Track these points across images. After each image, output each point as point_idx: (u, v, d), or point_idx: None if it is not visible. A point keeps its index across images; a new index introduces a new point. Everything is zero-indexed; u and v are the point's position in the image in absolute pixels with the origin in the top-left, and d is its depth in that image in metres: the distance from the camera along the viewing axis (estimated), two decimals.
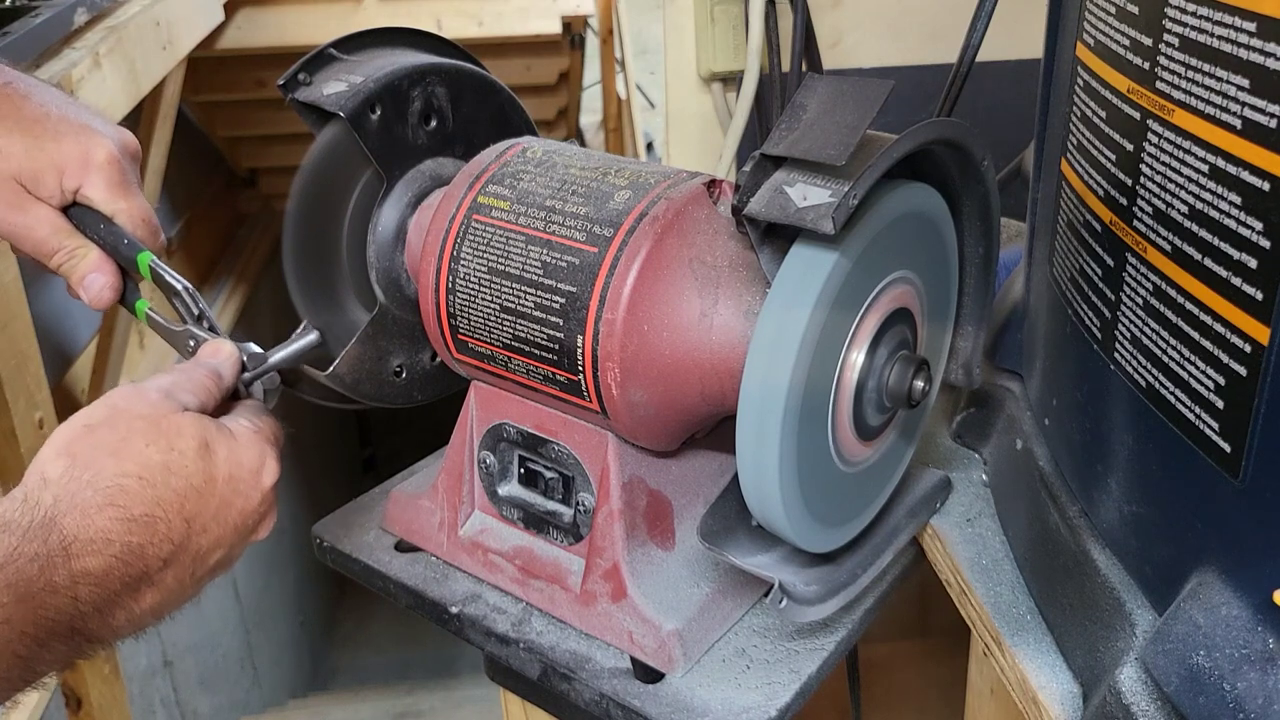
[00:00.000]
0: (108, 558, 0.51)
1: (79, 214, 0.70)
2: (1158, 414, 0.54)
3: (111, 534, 0.51)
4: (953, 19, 1.02)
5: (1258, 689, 0.47)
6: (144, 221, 0.71)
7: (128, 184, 0.70)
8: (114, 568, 0.51)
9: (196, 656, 2.86)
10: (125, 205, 0.69)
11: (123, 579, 0.52)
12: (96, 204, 0.69)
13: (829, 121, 0.56)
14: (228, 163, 3.55)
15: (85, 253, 0.69)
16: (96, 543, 0.51)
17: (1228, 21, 0.46)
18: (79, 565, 0.50)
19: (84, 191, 0.69)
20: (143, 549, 0.52)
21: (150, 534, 0.53)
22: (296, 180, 0.71)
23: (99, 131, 0.70)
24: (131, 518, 0.52)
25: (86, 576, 0.50)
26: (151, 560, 0.53)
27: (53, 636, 0.50)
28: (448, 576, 0.77)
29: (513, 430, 0.73)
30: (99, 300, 0.70)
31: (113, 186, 0.69)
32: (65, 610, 0.50)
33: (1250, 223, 0.46)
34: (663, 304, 0.63)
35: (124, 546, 0.51)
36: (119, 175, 0.69)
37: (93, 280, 0.69)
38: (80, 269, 0.69)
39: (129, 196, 0.70)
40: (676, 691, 0.67)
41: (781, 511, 0.59)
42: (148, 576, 0.53)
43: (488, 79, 0.79)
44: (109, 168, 0.69)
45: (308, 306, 0.73)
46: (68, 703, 1.71)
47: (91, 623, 0.51)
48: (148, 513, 0.53)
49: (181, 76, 2.46)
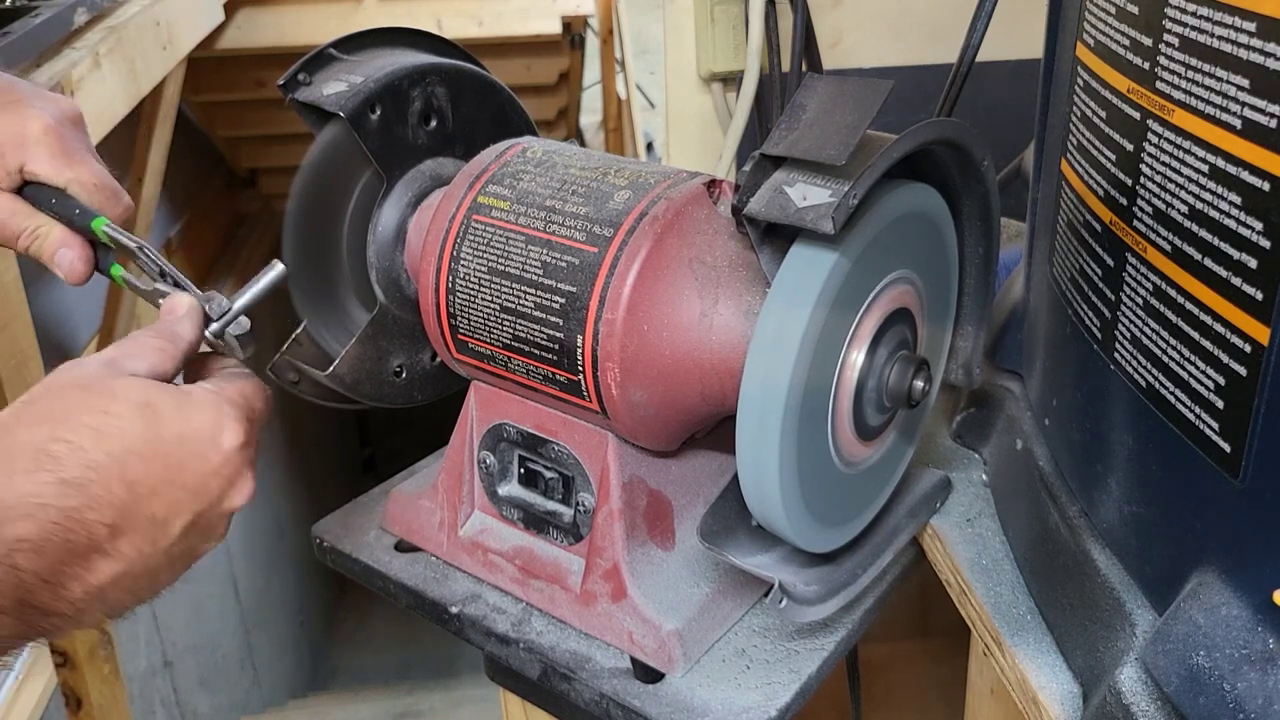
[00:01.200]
0: (43, 522, 0.49)
1: (33, 192, 0.68)
2: (1158, 414, 0.54)
3: (44, 497, 0.49)
4: (953, 19, 1.02)
5: (1258, 689, 0.47)
6: (97, 186, 0.68)
7: (71, 152, 0.68)
8: (52, 533, 0.49)
9: (196, 656, 2.86)
10: (74, 174, 0.67)
11: (65, 545, 0.50)
12: (45, 178, 0.67)
13: (829, 121, 0.56)
14: (228, 163, 3.55)
15: (48, 230, 0.67)
16: (27, 505, 0.49)
17: (1228, 21, 0.46)
18: (12, 531, 0.48)
19: (29, 168, 0.67)
20: (80, 512, 0.50)
21: (86, 496, 0.50)
22: (296, 180, 0.71)
23: (30, 104, 0.68)
24: (63, 480, 0.50)
25: (21, 543, 0.48)
26: (94, 525, 0.51)
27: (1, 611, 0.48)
28: (448, 576, 0.77)
29: (513, 430, 0.73)
30: (73, 274, 0.68)
31: (55, 157, 0.67)
32: (5, 580, 0.48)
33: (1250, 223, 0.46)
34: (663, 304, 0.63)
35: (58, 511, 0.49)
36: (59, 145, 0.67)
37: (62, 255, 0.67)
38: (48, 247, 0.68)
39: (76, 164, 0.68)
40: (676, 691, 0.67)
41: (781, 511, 0.59)
42: (96, 544, 0.51)
43: (488, 79, 0.79)
44: (47, 138, 0.67)
45: (308, 306, 0.73)
46: (68, 703, 1.71)
47: (40, 594, 0.49)
48: (80, 475, 0.50)
49: (181, 76, 2.46)
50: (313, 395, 0.76)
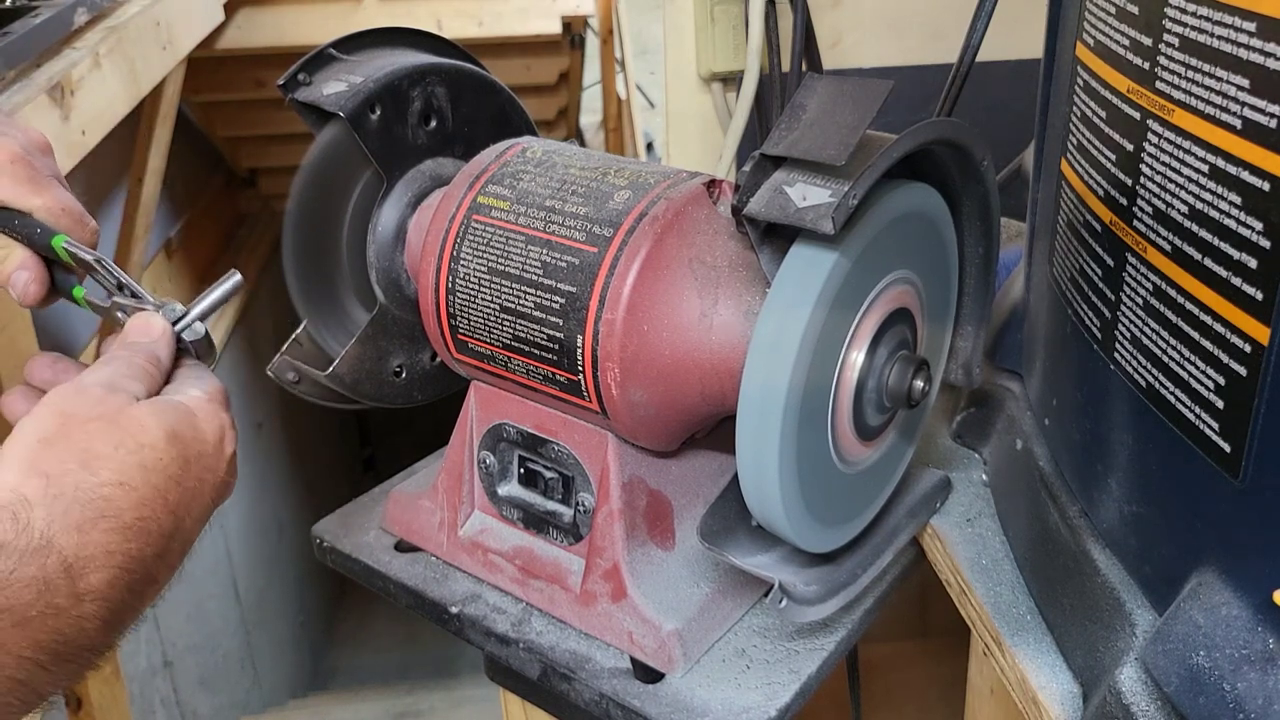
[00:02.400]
0: (112, 570, 0.51)
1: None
2: (1158, 414, 0.54)
3: (111, 545, 0.51)
4: (953, 19, 1.02)
5: (1258, 689, 0.47)
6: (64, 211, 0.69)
7: (37, 179, 0.69)
8: (118, 579, 0.51)
9: (196, 656, 2.86)
10: (40, 201, 0.68)
11: (128, 586, 0.52)
12: (9, 203, 0.68)
13: (829, 121, 0.56)
14: (228, 163, 3.55)
15: (7, 253, 0.68)
16: (98, 558, 0.50)
17: (1228, 21, 0.46)
18: (84, 584, 0.49)
19: None
20: (142, 553, 0.52)
21: (145, 537, 0.52)
22: (296, 180, 0.71)
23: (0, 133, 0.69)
24: (125, 525, 0.52)
25: (92, 593, 0.50)
26: (151, 561, 0.53)
27: (57, 660, 0.49)
28: (448, 576, 0.77)
29: (513, 430, 0.73)
30: (26, 296, 0.69)
31: (21, 184, 0.68)
32: (69, 631, 0.49)
33: (1250, 223, 0.46)
34: (663, 304, 0.63)
35: (124, 556, 0.51)
36: (26, 172, 0.68)
37: (17, 277, 0.68)
38: (5, 268, 0.68)
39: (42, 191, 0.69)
40: (676, 691, 0.67)
41: (781, 511, 0.59)
42: (150, 576, 0.53)
43: (488, 79, 0.79)
44: (14, 166, 0.68)
45: (308, 306, 0.74)
46: (68, 703, 1.71)
47: (99, 639, 0.51)
48: (140, 516, 0.52)
49: (181, 76, 2.46)
50: (313, 395, 0.76)
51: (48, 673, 0.49)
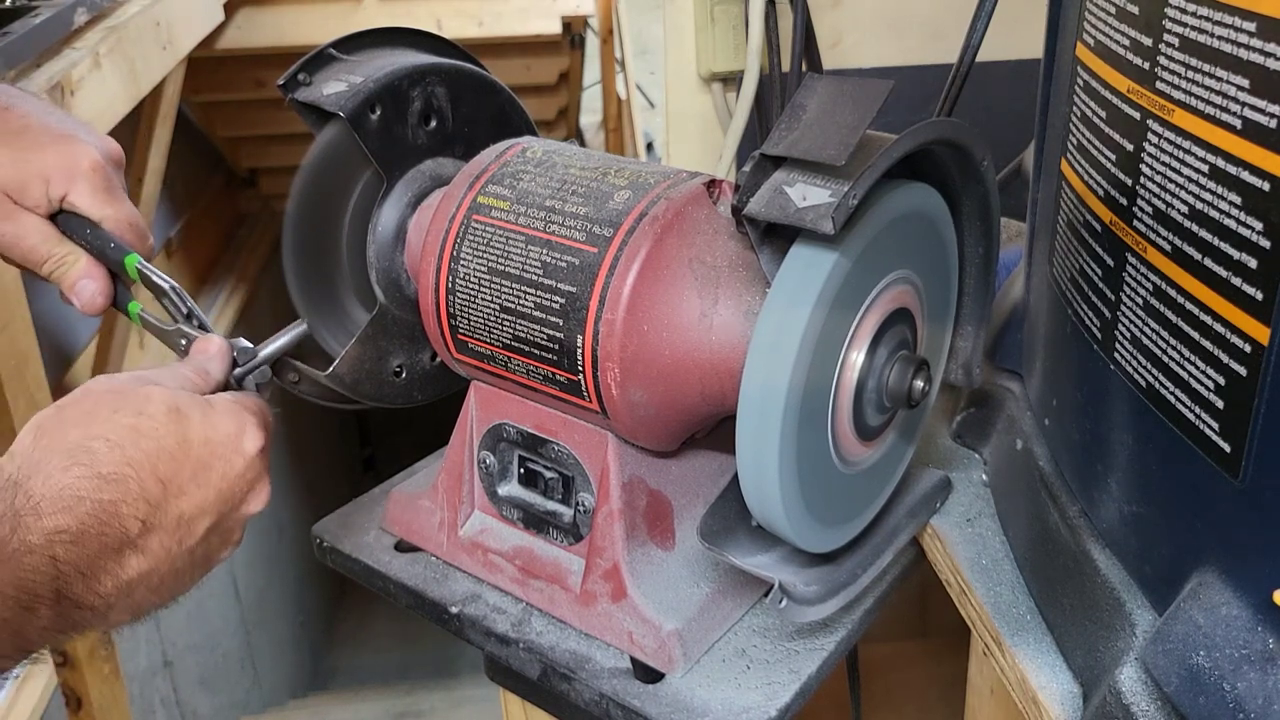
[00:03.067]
0: (81, 515, 0.51)
1: (66, 221, 0.70)
2: (1158, 414, 0.54)
3: (80, 490, 0.51)
4: (953, 19, 1.02)
5: (1258, 689, 0.47)
6: (131, 226, 0.71)
7: (113, 190, 0.71)
8: (89, 525, 0.51)
9: (196, 656, 2.86)
10: (112, 211, 0.70)
11: (100, 538, 0.52)
12: (83, 210, 0.70)
13: (829, 121, 0.56)
14: (228, 163, 3.56)
15: (75, 259, 0.70)
16: (65, 499, 0.51)
17: (1228, 21, 0.46)
18: (51, 523, 0.50)
19: (70, 199, 0.70)
20: (116, 506, 0.52)
21: (122, 491, 0.52)
22: (296, 180, 0.71)
23: (83, 140, 0.71)
24: (100, 474, 0.52)
25: (60, 534, 0.50)
26: (129, 519, 0.53)
27: (37, 600, 0.50)
28: (448, 576, 0.77)
29: (513, 430, 0.73)
30: (91, 306, 0.71)
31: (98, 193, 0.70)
32: (45, 570, 0.50)
33: (1250, 223, 0.46)
34: (663, 304, 0.63)
35: (95, 504, 0.51)
36: (104, 182, 0.70)
37: (84, 286, 0.70)
38: (70, 275, 0.70)
39: (115, 203, 0.71)
40: (676, 691, 0.67)
41: (781, 511, 0.59)
42: (129, 539, 0.53)
43: (488, 79, 0.79)
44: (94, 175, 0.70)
45: (308, 306, 0.73)
46: (68, 703, 1.71)
47: (76, 586, 0.51)
48: (117, 470, 0.53)
49: (181, 76, 2.46)
50: (313, 395, 0.76)
51: (32, 615, 0.50)
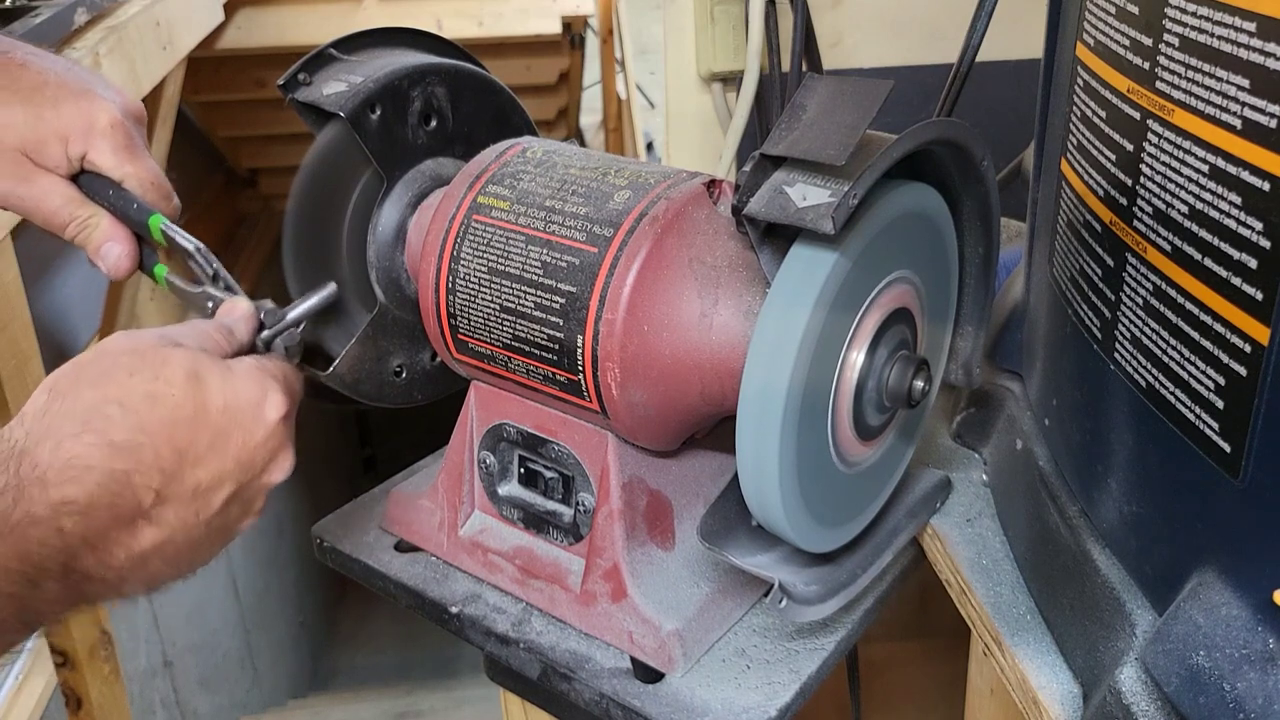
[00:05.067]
0: (90, 485, 0.49)
1: (88, 181, 0.68)
2: (1158, 414, 0.54)
3: (90, 460, 0.49)
4: (953, 19, 1.02)
5: (1258, 689, 0.47)
6: (154, 184, 0.69)
7: (134, 147, 0.68)
8: (98, 496, 0.49)
9: (196, 656, 2.86)
10: (133, 169, 0.68)
11: (111, 509, 0.49)
12: (104, 169, 0.67)
13: (829, 121, 0.56)
14: (228, 163, 3.55)
15: (98, 221, 0.68)
16: (74, 469, 0.48)
17: (1228, 21, 0.46)
18: (58, 494, 0.48)
19: (90, 157, 0.67)
20: (128, 476, 0.50)
21: (135, 460, 0.50)
22: (296, 180, 0.71)
23: (101, 96, 0.68)
24: (112, 443, 0.49)
25: (68, 505, 0.48)
26: (141, 490, 0.50)
27: (43, 574, 0.48)
28: (448, 576, 0.77)
29: (513, 430, 0.73)
30: (117, 269, 0.68)
31: (119, 151, 0.67)
32: (51, 543, 0.48)
33: (1250, 223, 0.46)
34: (663, 304, 0.63)
35: (106, 474, 0.49)
36: (124, 139, 0.68)
37: (109, 250, 0.68)
38: (95, 239, 0.68)
39: (136, 160, 0.68)
40: (676, 691, 0.67)
41: (781, 511, 0.59)
42: (141, 509, 0.51)
43: (488, 79, 0.79)
44: (114, 132, 0.67)
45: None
46: (68, 703, 1.71)
47: (85, 559, 0.49)
48: (130, 439, 0.50)
49: (181, 76, 2.46)
50: (313, 395, 0.76)
51: (39, 590, 0.48)
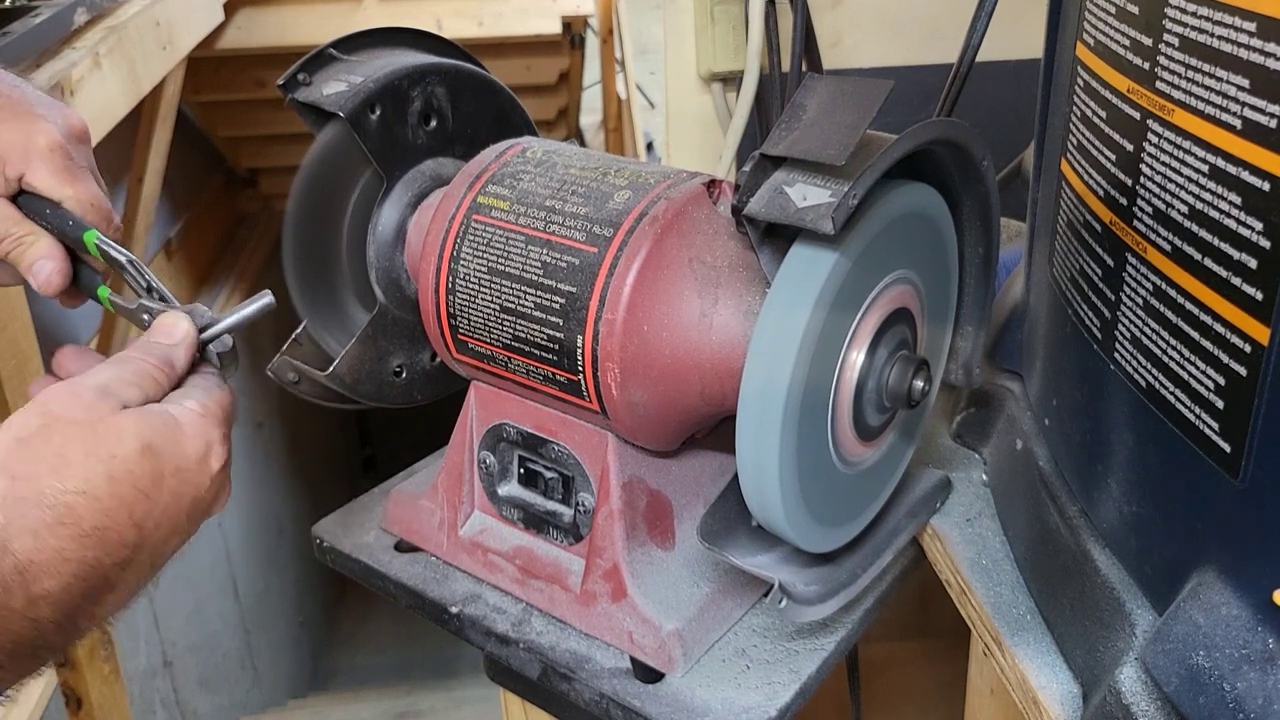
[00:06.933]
0: (66, 577, 0.50)
1: (27, 201, 0.68)
2: (1158, 414, 0.54)
3: (66, 552, 0.50)
4: (953, 19, 1.02)
5: (1258, 689, 0.47)
6: (93, 206, 0.69)
7: (73, 169, 0.68)
8: (73, 585, 0.51)
9: (196, 656, 2.86)
10: (72, 191, 0.68)
11: (83, 593, 0.51)
12: (42, 191, 0.67)
13: (829, 121, 0.56)
14: (228, 163, 3.55)
15: (34, 240, 0.68)
16: (53, 564, 0.50)
17: (1228, 21, 0.46)
18: (38, 589, 0.49)
19: (28, 179, 0.67)
20: (99, 561, 0.51)
21: (103, 546, 0.52)
22: (296, 180, 0.71)
23: (41, 116, 0.68)
24: (83, 533, 0.51)
25: (46, 598, 0.50)
26: (110, 569, 0.52)
27: (12, 659, 0.49)
28: (448, 576, 0.77)
29: (513, 430, 0.73)
30: (48, 286, 0.69)
31: (57, 173, 0.67)
32: (24, 633, 0.49)
33: (1250, 223, 0.46)
34: (662, 304, 0.63)
35: (79, 563, 0.51)
36: (63, 160, 0.68)
37: (41, 266, 0.68)
38: (29, 256, 0.68)
39: (75, 182, 0.68)
40: (676, 691, 0.67)
41: (781, 511, 0.59)
42: (108, 583, 0.53)
43: (488, 79, 0.79)
44: (52, 155, 0.67)
45: (308, 306, 0.73)
46: (68, 703, 1.71)
47: (54, 638, 0.51)
48: (98, 525, 0.51)
49: (181, 76, 2.46)
50: (313, 395, 0.76)
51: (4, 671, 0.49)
